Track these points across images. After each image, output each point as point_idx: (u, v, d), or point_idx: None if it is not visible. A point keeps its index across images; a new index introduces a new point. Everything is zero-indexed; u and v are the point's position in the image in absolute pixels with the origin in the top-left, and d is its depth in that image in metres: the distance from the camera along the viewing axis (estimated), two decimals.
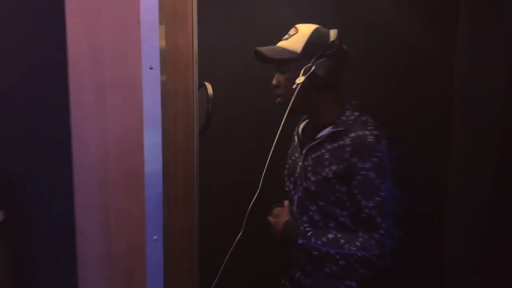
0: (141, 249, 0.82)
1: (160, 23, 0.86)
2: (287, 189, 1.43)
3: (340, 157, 1.23)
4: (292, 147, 1.47)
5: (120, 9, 0.84)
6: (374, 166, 1.18)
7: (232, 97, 1.83)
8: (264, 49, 1.31)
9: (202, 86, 1.40)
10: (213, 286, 0.90)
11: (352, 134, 1.23)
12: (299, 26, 1.33)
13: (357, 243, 1.19)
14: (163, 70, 0.87)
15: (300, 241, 1.26)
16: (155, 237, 0.82)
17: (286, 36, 1.33)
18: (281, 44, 1.32)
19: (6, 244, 0.77)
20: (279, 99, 1.34)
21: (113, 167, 0.84)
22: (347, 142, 1.23)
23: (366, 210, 1.20)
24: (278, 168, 1.43)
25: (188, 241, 0.98)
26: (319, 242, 1.24)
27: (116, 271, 0.84)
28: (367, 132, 1.22)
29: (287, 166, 1.46)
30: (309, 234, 1.26)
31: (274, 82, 1.35)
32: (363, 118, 1.28)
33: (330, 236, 1.24)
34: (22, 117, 0.84)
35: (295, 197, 1.36)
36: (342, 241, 1.21)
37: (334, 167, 1.24)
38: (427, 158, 1.79)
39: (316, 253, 1.24)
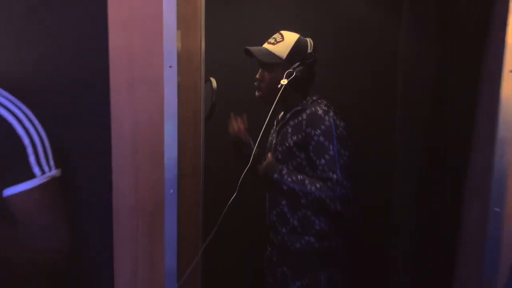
0: (161, 201, 1.11)
1: (177, 29, 1.14)
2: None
3: (299, 129, 1.57)
4: (272, 130, 1.81)
5: (147, 20, 1.12)
6: (323, 132, 1.51)
7: (232, 90, 2.12)
8: (254, 51, 1.63)
9: (207, 81, 1.69)
10: (213, 231, 1.18)
11: (307, 111, 1.58)
12: (284, 33, 1.64)
13: (317, 185, 1.49)
14: (179, 68, 1.14)
15: (275, 176, 1.56)
16: (171, 191, 1.10)
17: (272, 41, 1.64)
18: (268, 47, 1.63)
19: (61, 194, 1.05)
20: (260, 93, 1.66)
21: (141, 141, 1.13)
22: (304, 118, 1.57)
23: (320, 167, 1.51)
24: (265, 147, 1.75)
25: (196, 194, 1.27)
26: (289, 179, 1.54)
27: (142, 217, 1.13)
28: (318, 108, 1.56)
29: (268, 143, 1.80)
30: (283, 172, 1.56)
31: (258, 76, 1.67)
32: (318, 101, 1.63)
33: (299, 176, 1.54)
34: (77, 102, 1.13)
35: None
36: (306, 181, 1.51)
37: (294, 137, 1.57)
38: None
39: (285, 187, 1.54)
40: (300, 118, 1.59)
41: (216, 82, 1.69)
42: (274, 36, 1.66)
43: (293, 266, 1.61)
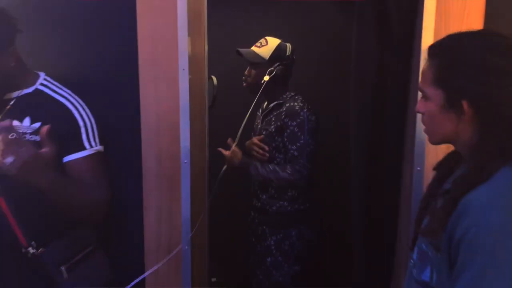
0: (177, 167, 1.51)
1: (188, 35, 1.52)
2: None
3: (279, 119, 2.01)
4: (257, 115, 2.24)
5: (167, 33, 1.50)
6: (297, 124, 1.94)
7: (229, 86, 2.52)
8: (244, 52, 2.06)
9: (209, 78, 2.09)
10: (214, 190, 1.60)
11: (287, 105, 2.02)
12: (268, 38, 2.07)
13: (287, 171, 1.93)
14: (189, 69, 1.53)
15: (251, 171, 1.98)
16: (185, 161, 1.50)
17: (258, 44, 2.09)
18: (255, 49, 2.08)
19: (104, 163, 1.44)
20: (246, 84, 2.13)
21: (163, 125, 1.53)
22: (283, 110, 2.02)
23: (291, 151, 1.95)
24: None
25: (203, 163, 1.68)
26: (263, 171, 1.96)
27: (164, 180, 1.53)
28: (295, 104, 2.00)
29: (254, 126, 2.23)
30: (258, 166, 1.98)
31: (246, 73, 2.11)
32: (295, 97, 2.06)
33: (271, 167, 1.97)
34: (115, 96, 1.53)
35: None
36: (277, 169, 1.95)
37: (275, 125, 2.01)
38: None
39: (261, 178, 1.98)
40: (280, 110, 2.03)
41: (216, 79, 2.10)
42: (260, 40, 2.09)
43: (270, 225, 2.07)
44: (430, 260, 0.99)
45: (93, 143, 1.41)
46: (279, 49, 2.06)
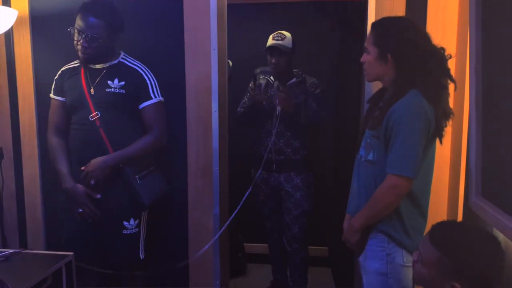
0: (210, 115, 2.24)
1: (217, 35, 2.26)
2: (268, 109, 2.74)
3: (303, 90, 2.76)
4: (263, 88, 2.76)
5: (203, 22, 2.24)
6: (320, 91, 2.79)
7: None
8: (278, 45, 2.71)
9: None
10: None
11: (309, 81, 2.79)
12: (283, 32, 2.78)
13: (323, 110, 2.81)
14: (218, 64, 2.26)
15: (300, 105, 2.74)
16: (215, 110, 2.23)
17: (279, 38, 2.74)
18: (280, 42, 2.72)
19: (164, 111, 2.17)
20: (278, 70, 2.77)
21: (200, 86, 2.25)
22: (308, 83, 2.79)
23: (315, 104, 2.75)
24: None
25: (224, 111, 2.43)
26: (312, 108, 2.75)
27: (200, 122, 2.26)
28: (314, 79, 2.81)
29: (266, 97, 2.74)
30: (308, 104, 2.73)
31: (274, 61, 2.74)
32: (306, 76, 2.82)
33: (315, 105, 2.75)
34: (169, 66, 2.26)
35: (276, 114, 2.63)
36: (318, 109, 2.76)
37: (302, 96, 2.73)
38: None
39: (312, 114, 2.75)
40: (304, 84, 2.78)
41: (232, 63, 2.85)
42: (278, 35, 2.75)
43: (297, 168, 2.79)
44: (372, 146, 1.68)
45: (156, 95, 2.13)
46: (293, 40, 2.78)
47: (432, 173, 1.68)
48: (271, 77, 2.81)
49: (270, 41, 2.76)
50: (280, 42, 2.73)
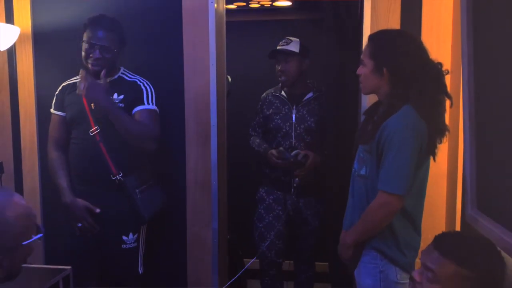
0: (209, 128, 2.26)
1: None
2: (284, 130, 2.54)
3: (322, 107, 2.56)
4: (273, 107, 2.59)
5: (202, 34, 2.28)
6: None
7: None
8: (279, 49, 2.54)
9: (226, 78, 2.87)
10: None
11: (325, 96, 2.60)
12: (290, 38, 2.57)
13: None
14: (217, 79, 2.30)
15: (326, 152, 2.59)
16: (213, 124, 2.25)
17: (284, 43, 2.54)
18: (284, 47, 2.52)
19: (157, 120, 2.19)
20: (285, 78, 2.55)
21: (199, 100, 2.28)
22: (323, 100, 2.59)
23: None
24: None
25: (223, 127, 2.45)
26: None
27: (200, 136, 2.28)
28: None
29: (277, 118, 2.56)
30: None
31: (280, 68, 2.53)
32: (323, 89, 2.65)
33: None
34: (168, 80, 2.29)
35: (293, 134, 2.53)
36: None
37: (321, 114, 2.54)
38: None
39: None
40: (320, 100, 2.58)
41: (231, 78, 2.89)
42: (284, 41, 2.54)
43: (316, 194, 2.64)
44: (365, 161, 1.68)
45: (150, 103, 2.12)
46: (302, 44, 2.54)
47: (425, 189, 1.67)
48: (282, 93, 2.60)
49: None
50: (285, 46, 2.53)
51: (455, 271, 1.19)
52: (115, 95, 2.10)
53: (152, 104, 2.13)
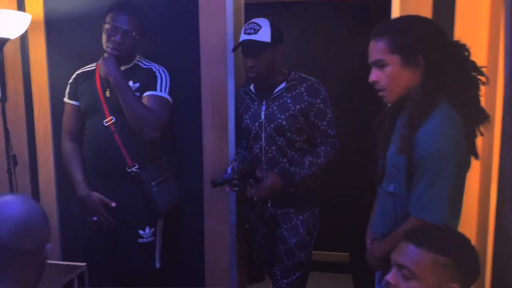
0: (226, 118, 2.18)
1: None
2: (254, 132, 2.05)
3: (300, 100, 1.97)
4: (244, 105, 2.12)
5: (218, 24, 2.17)
6: (321, 101, 1.98)
7: None
8: (245, 45, 1.97)
9: None
10: None
11: (304, 84, 1.99)
12: (257, 20, 1.98)
13: (321, 154, 1.98)
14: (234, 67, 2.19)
15: (297, 179, 1.94)
16: (231, 115, 2.16)
17: (251, 31, 1.95)
18: (252, 37, 1.94)
19: (168, 110, 2.10)
20: (255, 74, 2.00)
21: (215, 89, 2.19)
22: (303, 90, 1.98)
23: (321, 127, 1.99)
24: None
25: None
26: (306, 172, 1.94)
27: (216, 128, 2.19)
28: (314, 80, 2.01)
29: (246, 117, 2.08)
30: (299, 172, 1.93)
31: (250, 64, 1.98)
32: (303, 75, 2.04)
33: (307, 162, 1.95)
34: (184, 69, 2.20)
35: (263, 135, 2.02)
36: (313, 160, 1.97)
37: (297, 107, 1.96)
38: None
39: (306, 177, 1.96)
40: (297, 91, 1.98)
41: None
42: (250, 26, 1.96)
43: (296, 205, 2.04)
44: (393, 177, 1.48)
45: (163, 91, 2.03)
46: (274, 27, 1.97)
47: (461, 204, 1.47)
48: (251, 87, 2.12)
49: (241, 36, 2.00)
50: (252, 36, 1.94)
51: (433, 260, 1.16)
52: (131, 83, 2.02)
53: (165, 92, 2.04)
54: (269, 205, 2.06)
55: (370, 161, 1.83)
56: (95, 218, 2.03)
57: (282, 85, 2.01)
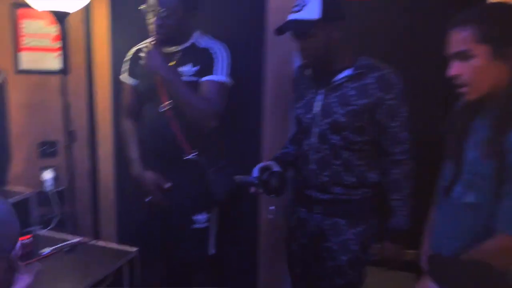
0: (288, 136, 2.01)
1: None
2: (304, 125, 1.71)
3: (367, 93, 1.56)
4: (299, 90, 1.77)
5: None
6: (396, 96, 1.56)
7: None
8: (287, 27, 1.62)
9: None
10: None
11: (375, 74, 1.56)
12: None
13: (404, 165, 1.62)
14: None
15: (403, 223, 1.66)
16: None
17: (296, 9, 1.60)
18: (296, 16, 1.59)
19: (224, 94, 1.95)
20: (308, 60, 1.70)
21: (282, 70, 2.02)
22: (373, 81, 1.56)
23: (391, 129, 1.59)
24: None
25: None
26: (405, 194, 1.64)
27: (272, 143, 2.04)
28: (388, 70, 1.57)
29: (299, 106, 1.73)
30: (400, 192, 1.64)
31: (300, 48, 1.65)
32: (375, 63, 1.59)
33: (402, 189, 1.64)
34: (247, 47, 2.05)
35: (315, 131, 1.66)
36: (403, 184, 1.64)
37: (363, 101, 1.56)
38: None
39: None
40: (365, 81, 1.58)
41: None
42: (295, 3, 1.60)
43: (350, 216, 1.68)
44: (474, 187, 1.24)
45: (220, 74, 1.87)
46: (326, 1, 1.55)
47: None
48: (309, 71, 1.74)
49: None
50: (297, 15, 1.58)
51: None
52: (189, 66, 1.89)
53: (223, 74, 1.89)
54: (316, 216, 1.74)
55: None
56: (148, 199, 1.97)
57: (346, 72, 1.61)
